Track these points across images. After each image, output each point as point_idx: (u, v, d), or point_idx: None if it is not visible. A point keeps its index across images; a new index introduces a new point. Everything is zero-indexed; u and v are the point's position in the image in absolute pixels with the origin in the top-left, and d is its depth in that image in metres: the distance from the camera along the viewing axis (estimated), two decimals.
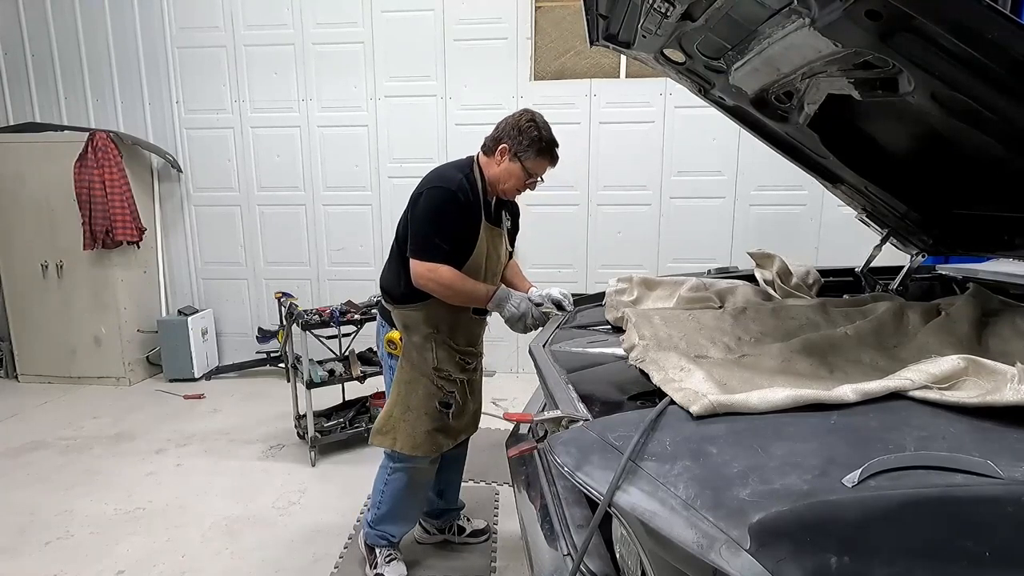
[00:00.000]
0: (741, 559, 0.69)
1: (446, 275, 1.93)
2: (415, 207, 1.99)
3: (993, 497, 0.73)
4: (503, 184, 2.05)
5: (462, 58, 4.57)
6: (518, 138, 2.00)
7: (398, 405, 2.14)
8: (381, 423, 2.16)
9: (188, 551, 2.59)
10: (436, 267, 1.92)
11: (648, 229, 4.64)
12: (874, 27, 1.03)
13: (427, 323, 2.08)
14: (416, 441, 2.13)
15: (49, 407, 4.35)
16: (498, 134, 2.06)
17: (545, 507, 1.36)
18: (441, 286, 1.94)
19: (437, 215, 1.94)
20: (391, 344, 2.17)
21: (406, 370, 2.13)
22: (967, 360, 1.01)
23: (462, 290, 1.96)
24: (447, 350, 2.13)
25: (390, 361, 2.21)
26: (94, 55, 4.87)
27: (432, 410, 2.13)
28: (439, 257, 1.92)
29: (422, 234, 1.95)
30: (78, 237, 4.50)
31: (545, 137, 2.01)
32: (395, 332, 2.15)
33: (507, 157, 2.02)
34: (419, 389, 2.12)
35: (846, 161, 1.77)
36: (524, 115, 2.06)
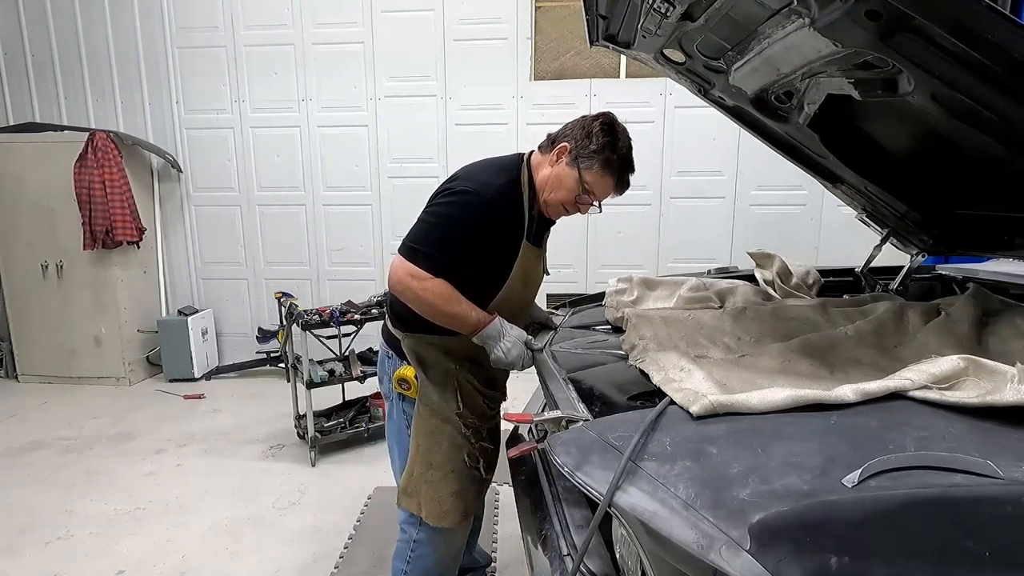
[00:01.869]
0: (741, 559, 0.69)
1: (434, 285, 1.56)
2: (434, 201, 1.63)
3: (993, 497, 0.73)
4: (549, 193, 1.65)
5: (462, 58, 4.56)
6: (584, 140, 1.60)
7: (419, 462, 1.74)
8: (405, 481, 1.77)
9: (188, 551, 2.59)
10: (425, 276, 1.55)
11: (648, 229, 4.64)
12: (874, 27, 1.03)
13: (449, 356, 1.72)
14: (443, 508, 1.73)
15: (49, 407, 4.35)
16: (564, 130, 1.66)
17: (545, 507, 1.36)
18: (422, 298, 1.56)
19: (456, 224, 1.57)
20: (403, 383, 1.75)
21: (425, 417, 1.73)
22: (967, 360, 1.01)
23: (448, 311, 1.58)
24: (471, 391, 1.76)
25: (401, 404, 1.80)
26: (94, 55, 4.87)
27: (460, 465, 1.75)
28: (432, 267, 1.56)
29: (425, 234, 1.58)
30: (78, 237, 4.50)
31: (620, 148, 1.61)
32: (408, 368, 1.74)
33: (564, 160, 1.62)
34: (443, 441, 1.73)
35: (846, 161, 1.77)
36: (602, 117, 1.65)
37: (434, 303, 1.57)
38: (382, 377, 1.88)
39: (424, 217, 1.61)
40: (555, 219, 1.77)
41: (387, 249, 4.86)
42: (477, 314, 1.60)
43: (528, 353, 1.62)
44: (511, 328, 1.63)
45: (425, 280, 1.55)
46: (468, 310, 1.59)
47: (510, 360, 1.61)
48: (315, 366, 3.50)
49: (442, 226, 1.58)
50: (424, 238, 1.58)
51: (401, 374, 1.75)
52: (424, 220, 1.61)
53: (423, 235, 1.59)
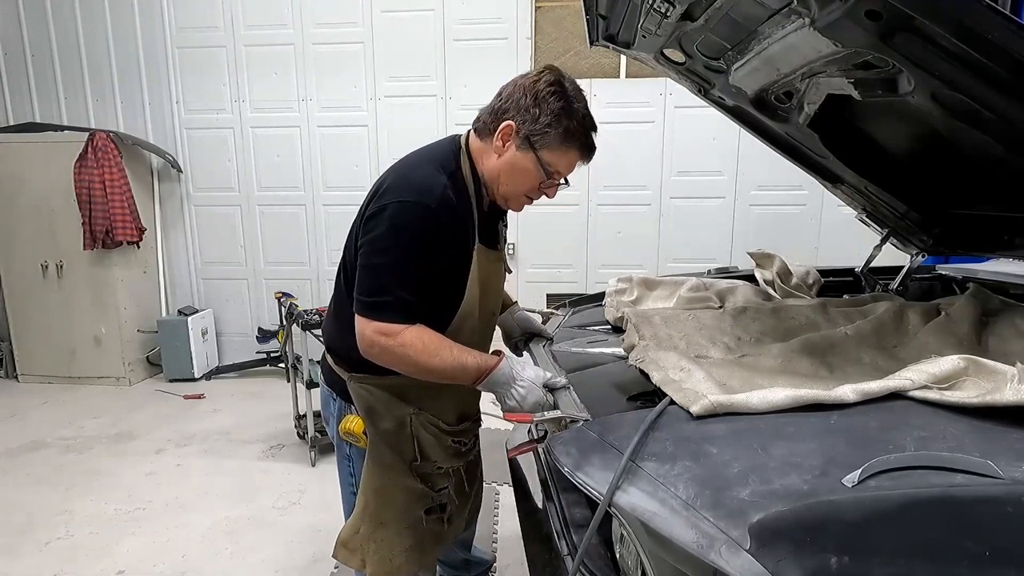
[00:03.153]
0: (741, 559, 0.69)
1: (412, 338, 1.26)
2: (370, 231, 1.29)
3: (993, 497, 0.73)
4: (505, 186, 1.36)
5: (462, 58, 4.57)
6: (532, 111, 1.28)
7: (367, 520, 1.50)
8: (347, 536, 1.54)
9: (188, 551, 2.59)
10: (397, 330, 1.26)
11: (648, 229, 4.64)
12: (874, 27, 1.03)
13: (403, 401, 1.42)
14: (394, 564, 1.50)
15: (49, 407, 4.35)
16: (501, 103, 1.33)
17: (545, 507, 1.36)
18: (405, 358, 1.27)
19: (406, 250, 1.26)
20: (351, 436, 1.49)
21: (375, 474, 1.48)
22: (967, 360, 1.01)
23: (439, 364, 1.27)
24: (434, 434, 1.47)
25: (349, 450, 1.57)
26: (94, 55, 4.87)
27: (416, 521, 1.51)
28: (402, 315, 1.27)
29: (378, 280, 1.28)
30: (78, 237, 4.50)
31: (577, 110, 1.30)
32: (354, 419, 1.47)
33: (512, 143, 1.31)
34: (396, 497, 1.49)
35: (846, 161, 1.77)
36: (544, 75, 1.32)
37: (419, 360, 1.26)
38: (327, 419, 1.62)
39: (366, 259, 1.30)
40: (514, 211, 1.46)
41: None
42: (476, 359, 1.30)
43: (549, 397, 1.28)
44: (523, 368, 1.30)
45: (399, 334, 1.26)
46: (463, 356, 1.30)
47: (527, 409, 1.28)
48: (315, 366, 3.49)
49: (391, 263, 1.27)
50: (377, 286, 1.28)
51: (347, 428, 1.47)
52: (368, 264, 1.29)
53: (375, 282, 1.29)
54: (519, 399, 1.28)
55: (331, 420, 1.59)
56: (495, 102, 1.36)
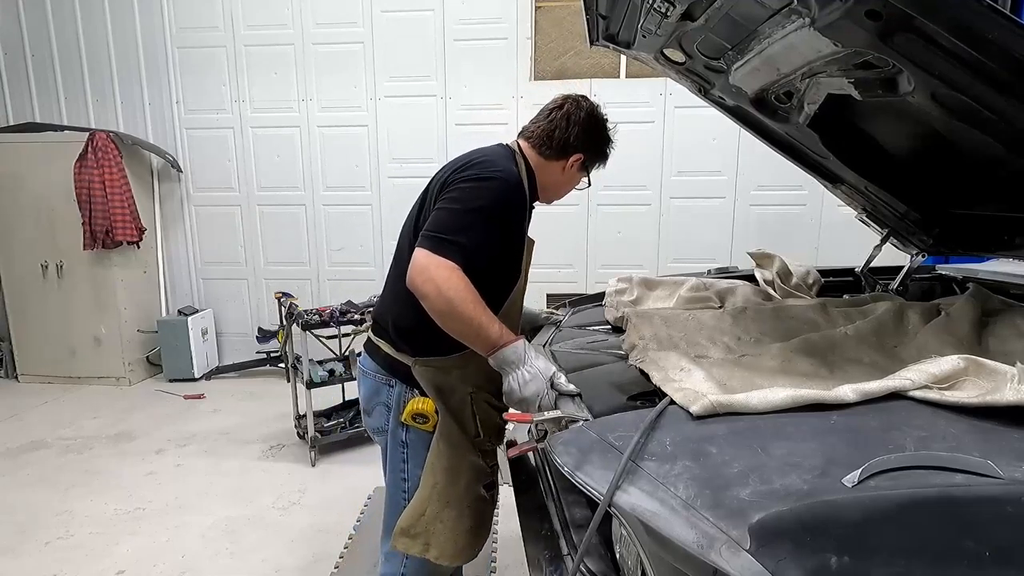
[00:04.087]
0: (741, 559, 0.69)
1: (458, 282, 1.31)
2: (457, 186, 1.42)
3: (993, 497, 0.73)
4: (558, 193, 1.67)
5: (462, 58, 4.57)
6: (595, 148, 1.62)
7: (434, 501, 1.54)
8: (409, 522, 1.55)
9: (188, 551, 2.59)
10: (455, 269, 1.31)
11: (648, 229, 4.64)
12: (874, 27, 1.03)
13: (466, 380, 1.51)
14: (458, 546, 1.56)
15: (49, 407, 4.35)
16: (570, 137, 1.57)
17: (545, 507, 1.36)
18: (443, 296, 1.30)
19: (485, 210, 1.38)
20: (420, 418, 1.52)
21: (445, 453, 1.53)
22: (967, 360, 1.01)
23: (471, 316, 1.31)
24: (488, 411, 1.55)
25: (406, 436, 1.57)
26: (94, 55, 4.87)
27: (475, 500, 1.58)
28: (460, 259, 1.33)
29: (452, 222, 1.36)
30: (78, 237, 4.50)
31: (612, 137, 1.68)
32: (425, 400, 1.52)
33: (577, 167, 1.61)
34: (463, 475, 1.55)
35: (846, 161, 1.77)
36: (597, 113, 1.63)
37: (455, 300, 1.30)
38: (372, 408, 1.61)
39: (448, 204, 1.40)
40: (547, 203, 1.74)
41: (387, 249, 4.86)
42: (499, 328, 1.34)
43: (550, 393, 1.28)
44: (536, 358, 1.32)
45: (453, 274, 1.31)
46: (490, 321, 1.33)
47: (524, 395, 1.29)
48: (315, 366, 3.50)
49: (473, 211, 1.37)
50: (450, 227, 1.36)
51: (417, 408, 1.52)
52: (449, 207, 1.39)
53: (451, 222, 1.36)
54: (520, 383, 1.30)
55: (383, 408, 1.59)
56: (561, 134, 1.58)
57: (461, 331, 1.35)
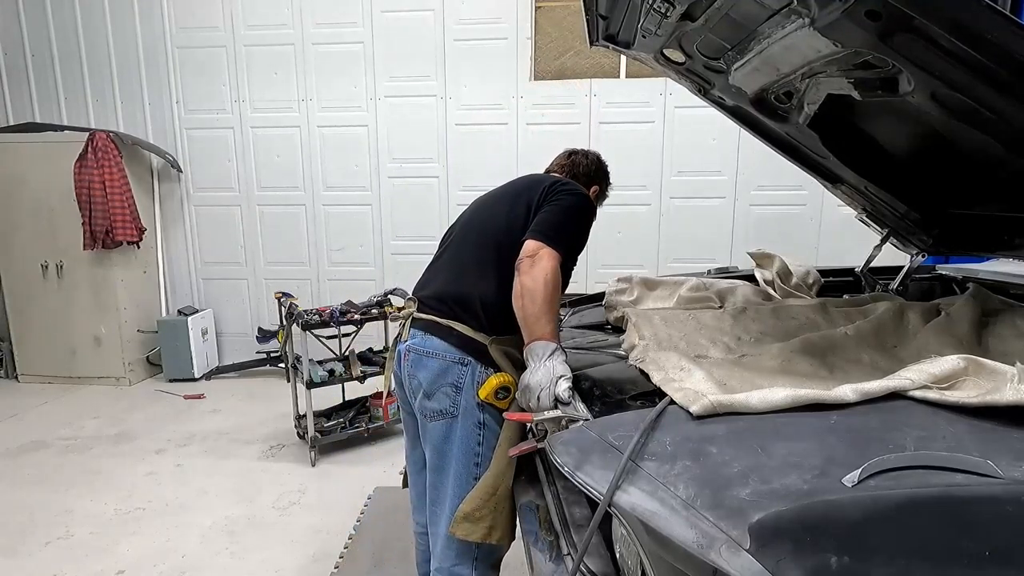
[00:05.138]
0: (741, 559, 0.69)
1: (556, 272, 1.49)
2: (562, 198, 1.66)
3: (993, 497, 0.73)
4: None
5: (462, 58, 4.56)
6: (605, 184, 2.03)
7: (507, 476, 1.56)
8: (475, 505, 1.55)
9: (188, 551, 2.59)
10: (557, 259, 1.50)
11: (648, 229, 4.64)
12: (874, 27, 1.03)
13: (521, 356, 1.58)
14: (513, 524, 1.61)
15: (49, 407, 4.35)
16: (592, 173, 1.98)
17: (545, 507, 1.36)
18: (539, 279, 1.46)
19: (582, 222, 1.67)
20: (502, 392, 1.54)
21: (515, 429, 1.56)
22: (967, 360, 1.01)
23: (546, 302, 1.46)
24: None
25: (483, 416, 1.59)
26: (94, 55, 4.87)
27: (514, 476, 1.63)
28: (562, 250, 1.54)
29: (562, 226, 1.59)
30: (78, 237, 4.50)
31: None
32: (505, 376, 1.56)
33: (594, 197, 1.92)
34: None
35: (846, 161, 1.77)
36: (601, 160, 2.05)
37: (546, 285, 1.45)
38: (435, 390, 1.60)
39: (555, 208, 1.63)
40: None
41: (387, 249, 4.87)
42: (552, 328, 1.47)
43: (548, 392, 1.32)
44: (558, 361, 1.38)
45: (554, 262, 1.50)
46: (553, 318, 1.48)
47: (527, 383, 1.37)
48: (315, 366, 3.50)
49: (573, 217, 1.64)
50: (558, 225, 1.59)
51: (501, 381, 1.54)
52: (555, 211, 1.63)
53: (557, 223, 1.59)
54: (531, 372, 1.39)
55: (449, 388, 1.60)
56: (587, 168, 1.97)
57: (530, 312, 1.46)
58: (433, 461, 1.66)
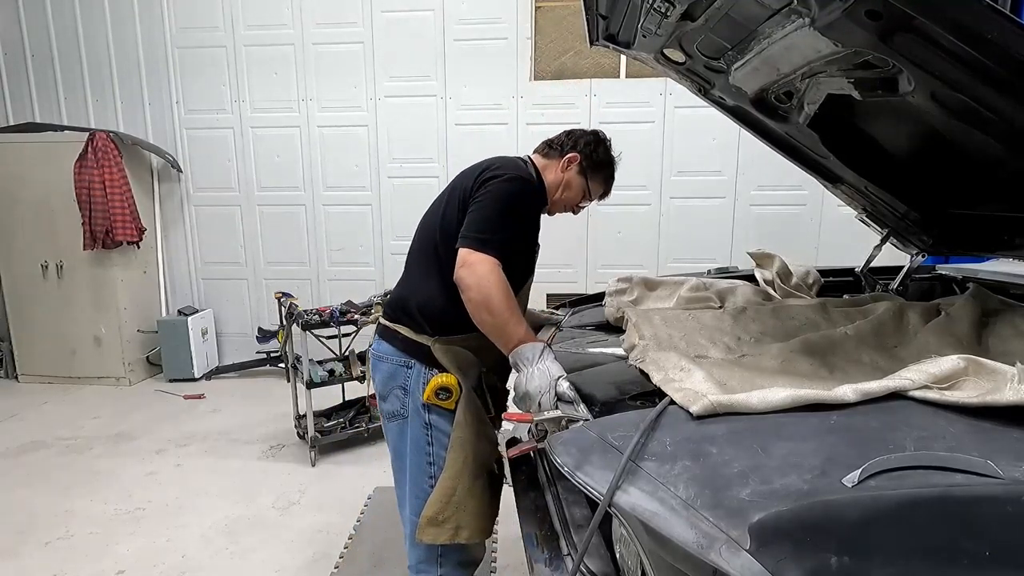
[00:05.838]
0: (741, 559, 0.69)
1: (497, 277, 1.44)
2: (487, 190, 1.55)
3: (993, 497, 0.73)
4: (559, 194, 1.76)
5: (462, 58, 4.57)
6: (594, 152, 1.77)
7: (465, 476, 1.58)
8: (436, 509, 1.56)
9: (188, 551, 2.59)
10: (495, 265, 1.44)
11: (648, 229, 4.64)
12: (874, 27, 1.03)
13: (480, 358, 1.62)
14: (486, 519, 1.63)
15: (49, 407, 4.35)
16: (569, 141, 1.79)
17: (545, 507, 1.36)
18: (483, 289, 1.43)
19: (512, 209, 1.54)
20: (442, 392, 1.58)
21: (472, 426, 1.59)
22: (967, 360, 1.01)
23: (502, 310, 1.43)
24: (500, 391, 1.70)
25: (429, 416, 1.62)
26: (94, 55, 4.87)
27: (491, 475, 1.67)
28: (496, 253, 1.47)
29: (487, 223, 1.50)
30: (78, 237, 4.50)
31: (615, 164, 1.83)
32: (447, 376, 1.59)
33: (574, 168, 1.75)
34: (485, 448, 1.64)
35: (846, 161, 1.77)
36: (600, 134, 1.83)
37: (493, 294, 1.43)
38: (388, 392, 1.67)
39: (480, 206, 1.53)
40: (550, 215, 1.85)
41: (387, 249, 4.87)
42: (525, 329, 1.46)
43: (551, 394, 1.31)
44: (550, 360, 1.39)
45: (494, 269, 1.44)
46: (518, 321, 1.46)
47: (527, 390, 1.36)
48: (315, 366, 3.50)
49: (501, 210, 1.52)
50: (486, 227, 1.50)
51: (441, 383, 1.58)
52: (481, 209, 1.53)
53: (484, 222, 1.50)
54: (527, 377, 1.38)
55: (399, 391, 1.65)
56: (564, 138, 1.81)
57: (491, 324, 1.46)
58: (393, 462, 1.73)
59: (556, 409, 1.26)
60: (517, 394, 1.40)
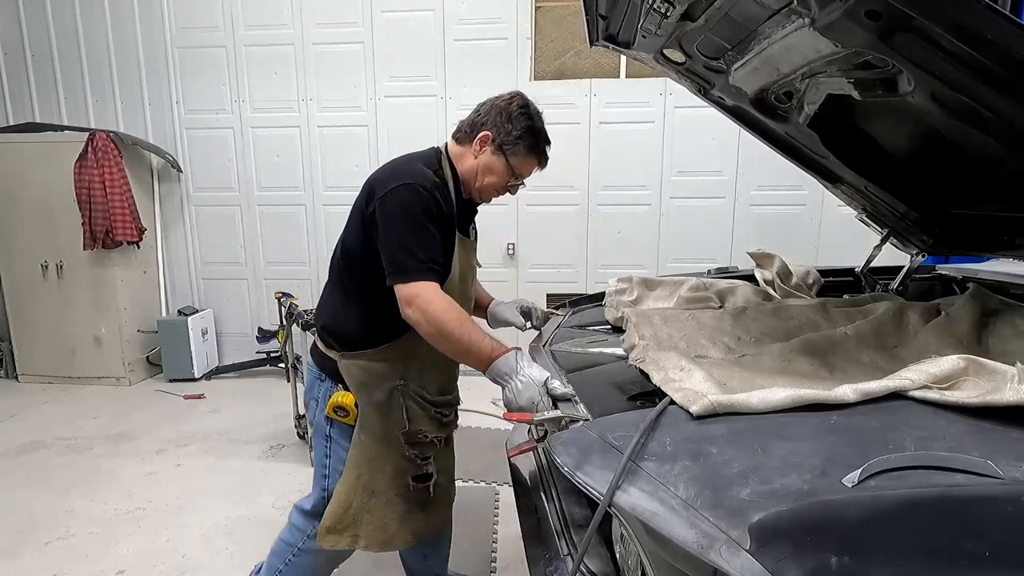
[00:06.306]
0: (741, 559, 0.69)
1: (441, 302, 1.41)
2: (383, 213, 1.47)
3: (993, 497, 0.73)
4: (480, 181, 1.62)
5: (462, 58, 4.57)
6: (506, 126, 1.57)
7: (359, 492, 1.61)
8: (334, 520, 1.62)
9: (188, 551, 2.59)
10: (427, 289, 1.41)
11: (648, 229, 4.64)
12: (874, 27, 1.03)
13: (393, 373, 1.57)
14: (388, 533, 1.64)
15: (49, 407, 4.35)
16: (479, 118, 1.62)
17: (545, 507, 1.36)
18: (435, 319, 1.40)
19: (412, 219, 1.45)
20: (340, 411, 1.61)
21: (367, 444, 1.60)
22: (967, 360, 1.01)
23: (459, 334, 1.40)
24: (419, 404, 1.62)
25: (329, 430, 1.66)
26: (94, 55, 4.87)
27: (404, 490, 1.64)
28: (426, 274, 1.43)
29: (399, 250, 1.43)
30: (78, 237, 4.50)
31: (538, 129, 1.60)
32: (346, 394, 1.60)
33: (488, 148, 1.59)
34: (387, 466, 1.61)
35: (846, 161, 1.77)
36: (516, 99, 1.61)
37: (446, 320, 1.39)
38: (309, 403, 1.73)
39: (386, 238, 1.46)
40: (486, 202, 1.72)
41: None
42: (491, 343, 1.42)
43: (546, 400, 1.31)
44: (529, 365, 1.37)
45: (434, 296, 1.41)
46: (480, 338, 1.42)
47: (520, 404, 1.34)
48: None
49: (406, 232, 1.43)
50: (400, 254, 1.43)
51: (337, 401, 1.59)
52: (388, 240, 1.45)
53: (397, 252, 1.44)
54: (515, 392, 1.35)
55: (315, 404, 1.70)
56: (473, 116, 1.64)
57: (455, 350, 1.44)
58: None
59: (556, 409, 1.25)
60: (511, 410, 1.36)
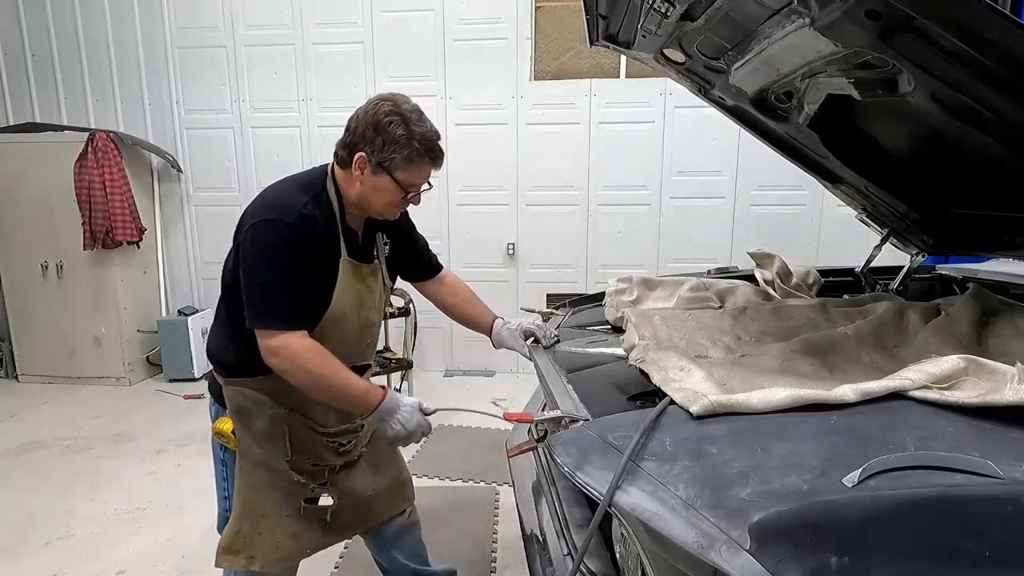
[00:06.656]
0: (741, 559, 0.69)
1: (306, 350, 1.37)
2: (245, 253, 1.43)
3: (993, 497, 0.73)
4: (375, 204, 1.49)
5: (462, 58, 4.56)
6: (376, 140, 1.40)
7: (246, 517, 1.58)
8: (228, 541, 1.58)
9: (188, 551, 2.59)
10: (290, 338, 1.37)
11: (648, 229, 4.64)
12: (874, 27, 1.03)
13: (274, 401, 1.52)
14: (282, 551, 1.61)
15: (49, 407, 4.35)
16: (352, 138, 1.44)
17: (545, 507, 1.37)
18: (302, 368, 1.37)
19: (272, 261, 1.38)
20: (221, 437, 1.60)
21: (248, 471, 1.57)
22: (967, 360, 1.01)
23: (330, 380, 1.39)
24: (307, 433, 1.57)
25: (223, 454, 1.66)
26: (94, 55, 4.87)
27: (295, 510, 1.62)
28: (289, 321, 1.38)
29: (261, 294, 1.39)
30: (78, 237, 4.50)
31: (417, 133, 1.41)
32: (224, 421, 1.58)
33: (368, 169, 1.43)
34: (272, 492, 1.59)
35: (846, 161, 1.77)
36: (381, 105, 1.42)
37: (314, 369, 1.37)
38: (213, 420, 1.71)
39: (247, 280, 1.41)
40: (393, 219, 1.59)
41: None
42: (364, 386, 1.43)
43: (424, 420, 1.45)
44: (403, 397, 1.46)
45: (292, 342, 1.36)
46: (353, 384, 1.41)
47: (410, 431, 1.42)
48: None
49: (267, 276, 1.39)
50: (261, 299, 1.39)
51: (218, 428, 1.58)
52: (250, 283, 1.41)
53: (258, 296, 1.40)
54: (404, 422, 1.42)
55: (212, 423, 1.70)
56: (346, 136, 1.47)
57: (329, 398, 1.45)
58: None
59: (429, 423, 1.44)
60: (402, 441, 1.45)
